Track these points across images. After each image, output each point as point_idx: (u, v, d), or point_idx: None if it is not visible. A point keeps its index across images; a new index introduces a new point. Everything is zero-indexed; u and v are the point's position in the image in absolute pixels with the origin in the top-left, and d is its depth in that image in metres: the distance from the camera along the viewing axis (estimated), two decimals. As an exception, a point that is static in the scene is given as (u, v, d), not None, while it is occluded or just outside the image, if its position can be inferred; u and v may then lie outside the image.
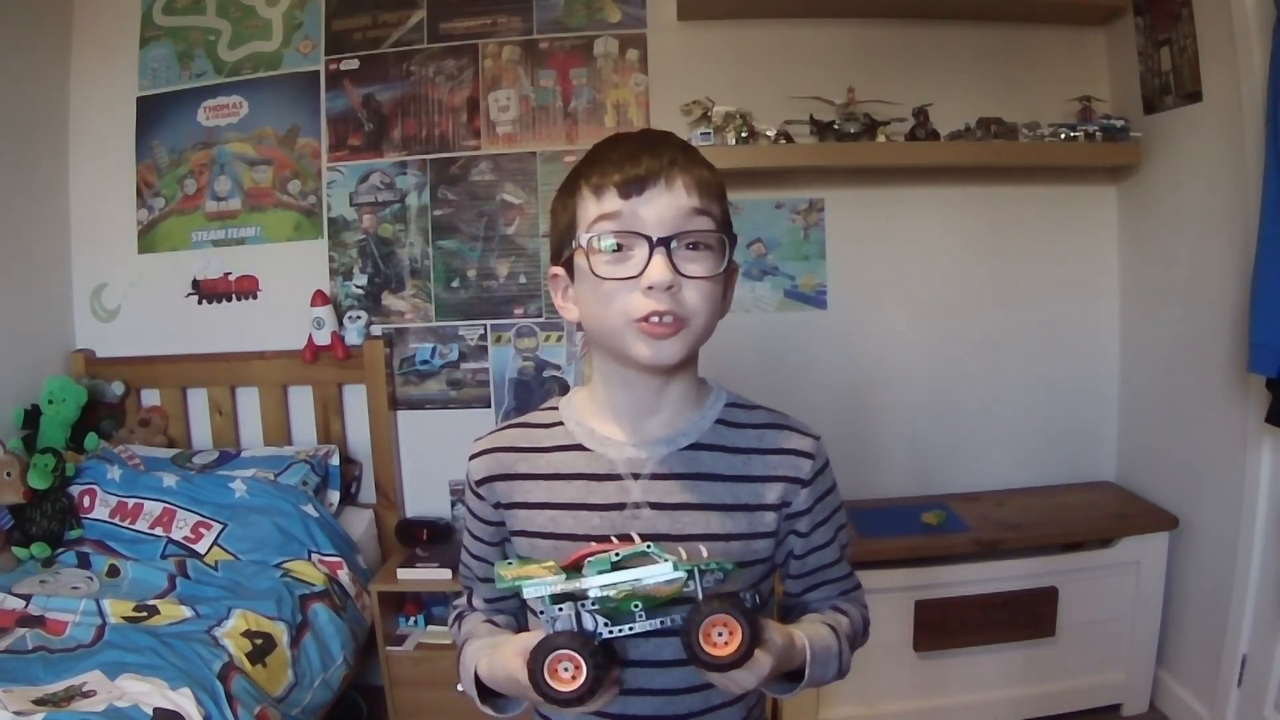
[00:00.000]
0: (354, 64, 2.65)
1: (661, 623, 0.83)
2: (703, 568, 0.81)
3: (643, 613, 0.82)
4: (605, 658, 0.83)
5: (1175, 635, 2.41)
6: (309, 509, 2.34)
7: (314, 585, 2.18)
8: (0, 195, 2.48)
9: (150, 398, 2.71)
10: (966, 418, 2.68)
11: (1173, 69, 2.31)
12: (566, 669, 0.80)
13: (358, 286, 2.68)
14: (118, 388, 2.66)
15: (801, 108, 2.47)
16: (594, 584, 0.81)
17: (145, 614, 1.92)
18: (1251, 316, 1.92)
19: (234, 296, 2.72)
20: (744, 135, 2.38)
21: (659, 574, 0.80)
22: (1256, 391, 2.05)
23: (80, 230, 2.74)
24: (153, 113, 2.71)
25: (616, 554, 0.81)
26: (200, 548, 2.23)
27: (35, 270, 2.62)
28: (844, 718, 2.31)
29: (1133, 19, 2.44)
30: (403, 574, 2.37)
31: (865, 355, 2.65)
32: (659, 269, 0.84)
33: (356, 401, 2.66)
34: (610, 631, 0.83)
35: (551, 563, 0.83)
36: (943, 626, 2.27)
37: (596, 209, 0.87)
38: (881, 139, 2.43)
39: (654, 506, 0.91)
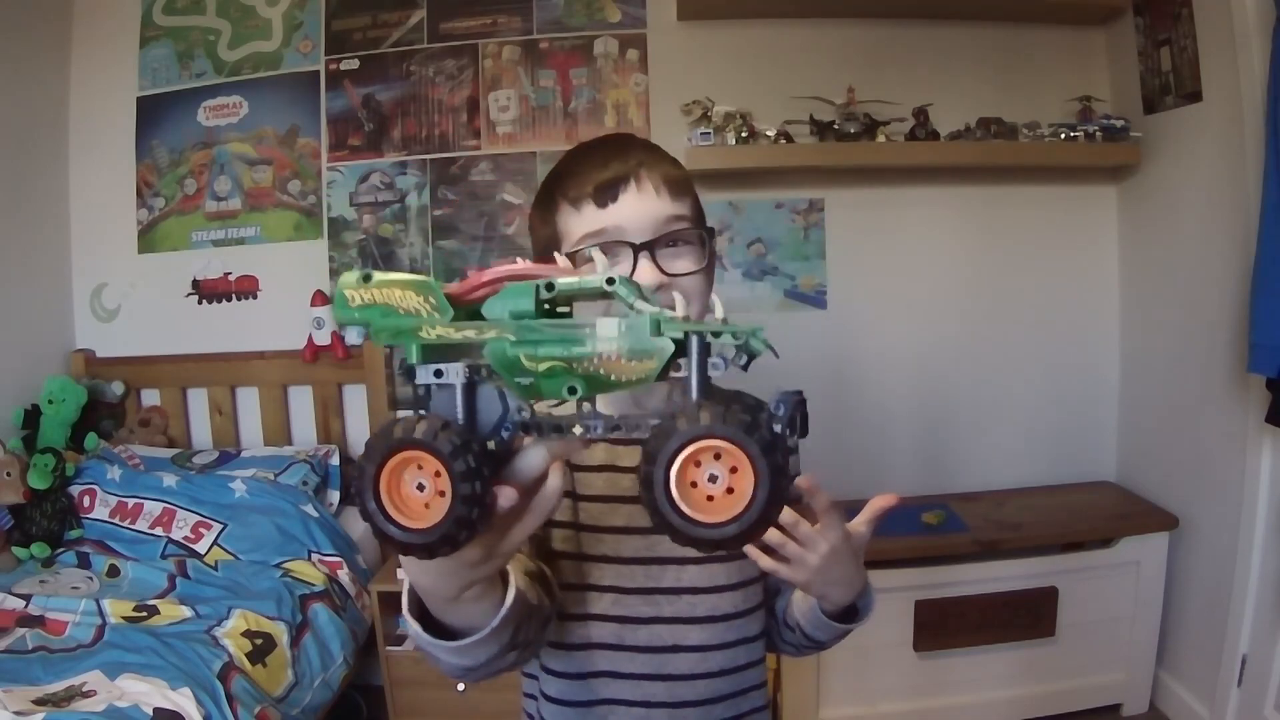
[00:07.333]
0: (354, 64, 2.65)
1: (620, 429, 0.49)
2: (707, 329, 0.47)
3: (586, 402, 0.48)
4: (497, 466, 0.50)
5: (1175, 635, 2.41)
6: (309, 509, 2.34)
7: (314, 585, 2.17)
8: (0, 195, 2.48)
9: (150, 398, 2.71)
10: (966, 418, 2.68)
11: (1173, 69, 2.31)
12: (421, 486, 0.48)
13: (358, 286, 2.68)
14: (118, 388, 2.65)
15: (801, 108, 2.47)
16: (494, 336, 0.49)
17: (145, 614, 1.92)
18: (1252, 316, 1.92)
19: (234, 296, 2.71)
20: (744, 135, 2.38)
21: (618, 329, 0.47)
22: (1256, 391, 2.05)
23: (80, 230, 2.74)
24: (153, 113, 2.71)
25: (549, 283, 0.49)
26: (200, 548, 2.23)
27: (35, 270, 2.62)
28: (844, 717, 2.31)
29: (1133, 19, 2.44)
30: (403, 574, 2.36)
31: (865, 355, 2.65)
32: (645, 274, 0.87)
33: (356, 401, 2.66)
34: (524, 417, 0.50)
35: (433, 283, 0.51)
36: (943, 626, 2.27)
37: (580, 225, 0.89)
38: (881, 139, 2.43)
39: None
